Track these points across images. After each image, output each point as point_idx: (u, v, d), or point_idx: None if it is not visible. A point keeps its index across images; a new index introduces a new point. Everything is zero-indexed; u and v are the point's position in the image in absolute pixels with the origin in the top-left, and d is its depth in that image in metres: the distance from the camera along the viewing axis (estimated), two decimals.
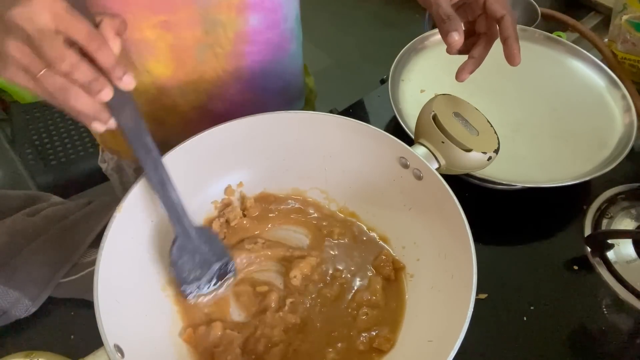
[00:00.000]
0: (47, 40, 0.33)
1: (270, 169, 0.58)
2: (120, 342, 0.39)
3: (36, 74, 0.34)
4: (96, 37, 0.35)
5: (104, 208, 0.59)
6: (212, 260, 0.50)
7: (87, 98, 0.36)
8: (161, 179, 0.45)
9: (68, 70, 0.34)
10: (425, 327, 0.46)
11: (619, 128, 0.68)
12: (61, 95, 0.35)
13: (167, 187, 0.45)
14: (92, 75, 0.35)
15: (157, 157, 0.44)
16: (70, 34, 0.34)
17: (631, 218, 0.63)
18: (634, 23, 0.73)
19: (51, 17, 0.33)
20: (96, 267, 0.41)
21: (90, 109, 0.36)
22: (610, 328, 0.54)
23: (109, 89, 0.36)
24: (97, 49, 0.35)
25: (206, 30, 0.57)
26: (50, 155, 1.26)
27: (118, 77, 0.36)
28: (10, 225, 0.56)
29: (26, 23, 0.33)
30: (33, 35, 0.33)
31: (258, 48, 0.62)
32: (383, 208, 0.56)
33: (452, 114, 0.52)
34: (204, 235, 0.49)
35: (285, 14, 0.63)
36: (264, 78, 0.66)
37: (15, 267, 0.53)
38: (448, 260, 0.47)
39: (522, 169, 0.63)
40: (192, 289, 0.49)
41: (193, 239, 0.48)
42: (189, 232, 0.48)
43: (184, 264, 0.48)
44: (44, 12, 0.33)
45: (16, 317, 0.52)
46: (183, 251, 0.48)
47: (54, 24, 0.33)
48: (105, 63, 0.35)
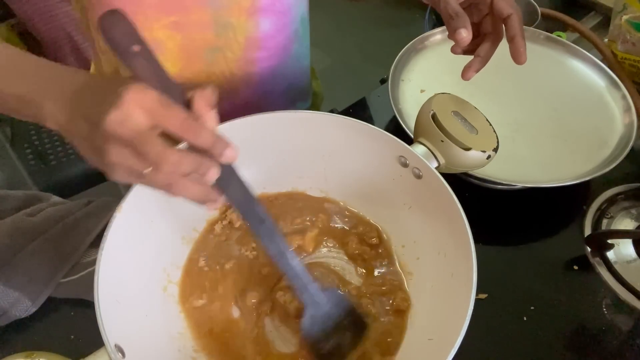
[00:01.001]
0: (145, 142, 0.32)
1: (270, 169, 0.58)
2: (121, 342, 0.39)
3: (142, 173, 0.33)
4: (191, 125, 0.33)
5: (104, 208, 0.59)
6: (345, 322, 0.47)
7: (194, 186, 0.35)
8: (279, 250, 0.43)
9: (172, 170, 0.33)
10: (426, 325, 0.47)
11: (619, 128, 0.68)
12: (169, 189, 0.34)
13: (286, 257, 0.43)
14: (196, 164, 0.34)
15: (271, 227, 0.42)
16: (165, 127, 0.33)
17: (631, 218, 0.63)
18: (634, 23, 0.73)
19: (143, 114, 0.32)
20: (96, 268, 0.41)
21: (199, 196, 0.36)
22: (610, 328, 0.54)
23: (214, 170, 0.35)
24: (195, 136, 0.33)
25: (217, 33, 0.57)
26: (50, 155, 1.26)
27: (219, 155, 0.35)
28: (10, 225, 0.56)
29: (120, 128, 0.31)
30: (130, 139, 0.32)
31: (268, 53, 0.63)
32: (383, 207, 0.56)
33: (452, 113, 0.52)
34: (333, 297, 0.47)
35: (294, 16, 0.63)
36: (271, 81, 0.67)
37: (15, 267, 0.53)
38: (448, 258, 0.47)
39: (522, 169, 0.63)
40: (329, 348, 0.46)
41: (322, 305, 0.46)
42: (316, 299, 0.45)
43: (318, 333, 0.46)
44: (137, 111, 0.31)
45: (16, 317, 0.52)
46: (313, 321, 0.46)
47: (147, 121, 0.32)
48: (206, 145, 0.34)
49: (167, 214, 0.51)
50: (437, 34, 0.79)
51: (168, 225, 0.52)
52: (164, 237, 0.51)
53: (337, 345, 0.46)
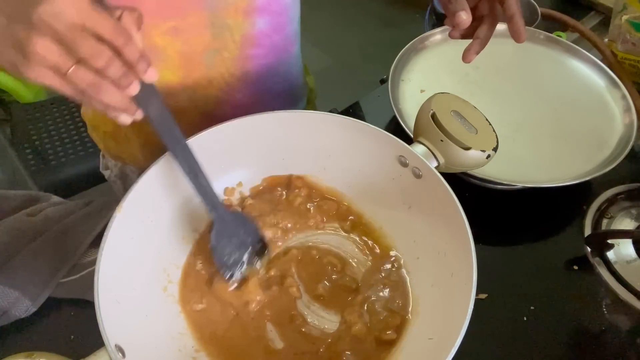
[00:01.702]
0: (79, 36, 0.33)
1: (269, 169, 0.58)
2: (122, 343, 0.39)
3: (65, 72, 0.34)
4: (122, 32, 0.35)
5: (104, 208, 0.59)
6: (248, 241, 0.52)
7: (117, 93, 0.36)
8: (192, 167, 0.46)
9: (103, 66, 0.34)
10: (426, 324, 0.47)
11: (619, 128, 0.68)
12: (92, 90, 0.35)
13: (198, 175, 0.47)
14: (122, 71, 0.35)
15: (185, 145, 0.45)
16: (97, 29, 0.33)
17: (631, 218, 0.63)
18: (634, 23, 0.73)
19: (77, 13, 0.33)
20: (96, 268, 0.41)
21: (119, 103, 0.37)
22: (610, 328, 0.54)
23: (136, 83, 0.37)
24: (123, 44, 0.35)
25: (214, 34, 0.57)
26: (50, 155, 1.26)
27: (143, 70, 0.37)
28: (10, 225, 0.56)
29: (54, 20, 0.32)
30: (63, 32, 0.32)
31: (264, 51, 0.63)
32: (383, 207, 0.56)
33: (451, 113, 0.52)
34: (238, 218, 0.52)
35: (290, 17, 0.63)
36: (270, 80, 0.67)
37: (15, 267, 0.53)
38: (448, 258, 0.48)
39: (522, 169, 0.63)
40: (233, 271, 0.51)
41: (228, 223, 0.50)
42: (224, 217, 0.50)
43: (222, 248, 0.50)
44: (70, 8, 0.32)
45: (16, 317, 0.52)
46: (220, 236, 0.50)
47: (80, 20, 0.33)
48: (132, 57, 0.35)
49: (167, 214, 0.51)
50: (437, 34, 0.79)
51: (168, 225, 0.52)
52: (164, 237, 0.51)
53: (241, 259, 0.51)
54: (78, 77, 0.34)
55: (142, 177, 0.47)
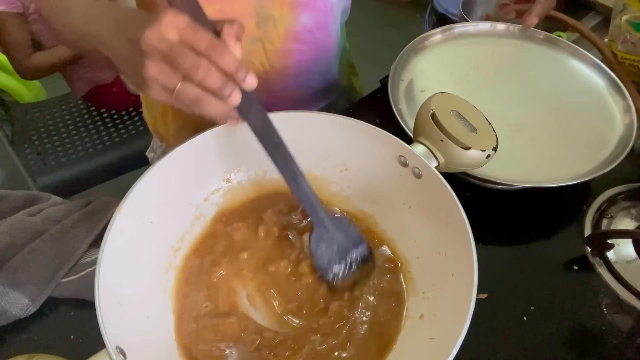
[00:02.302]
0: (179, 53, 0.36)
1: (269, 169, 0.58)
2: (122, 344, 0.39)
3: (174, 89, 0.37)
4: (217, 45, 0.37)
5: (104, 208, 0.59)
6: (349, 247, 0.51)
7: (218, 104, 0.39)
8: (293, 173, 0.46)
9: (203, 77, 0.37)
10: (427, 324, 0.47)
11: (619, 128, 0.68)
12: (196, 104, 0.38)
13: (299, 180, 0.47)
14: (222, 81, 0.37)
15: (286, 152, 0.46)
16: (194, 44, 0.36)
17: (631, 218, 0.63)
18: (634, 23, 0.73)
19: (176, 32, 0.36)
20: (97, 269, 0.41)
21: (222, 113, 0.40)
22: (610, 328, 0.54)
23: (237, 93, 0.39)
24: (220, 55, 0.37)
25: (258, 23, 0.59)
26: (50, 155, 1.26)
27: (242, 79, 0.39)
28: (10, 225, 0.56)
29: (158, 43, 0.36)
30: (167, 52, 0.36)
31: (306, 47, 0.65)
32: (383, 207, 0.56)
33: (451, 112, 0.52)
34: (340, 223, 0.51)
35: (335, 16, 0.65)
36: (308, 76, 0.69)
37: (15, 267, 0.53)
38: (448, 258, 0.48)
39: (522, 169, 0.63)
40: (332, 275, 0.50)
41: (329, 229, 0.50)
42: (324, 221, 0.49)
43: (322, 253, 0.50)
44: (170, 29, 0.36)
45: (16, 317, 0.52)
46: (320, 240, 0.50)
47: (180, 38, 0.36)
48: (229, 68, 0.37)
49: (167, 215, 0.51)
50: (437, 34, 0.79)
51: (168, 226, 0.52)
52: (164, 238, 0.51)
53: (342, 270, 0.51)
54: (184, 93, 0.38)
55: (142, 178, 0.47)
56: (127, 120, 1.37)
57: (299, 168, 0.46)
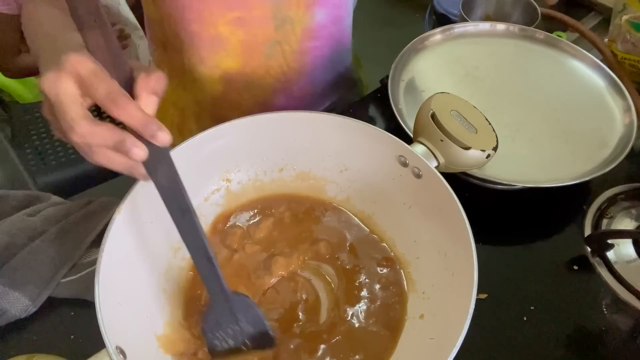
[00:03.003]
0: (64, 106, 0.33)
1: (269, 169, 0.58)
2: (122, 344, 0.39)
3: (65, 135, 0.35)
4: (116, 99, 0.34)
5: (104, 208, 0.59)
6: (249, 331, 0.45)
7: (117, 157, 0.35)
8: (197, 244, 0.41)
9: (81, 140, 0.34)
10: (427, 324, 0.47)
11: (619, 128, 0.68)
12: (90, 155, 0.35)
13: (205, 254, 0.41)
14: (114, 138, 0.34)
15: (193, 220, 0.40)
16: (92, 95, 0.34)
17: (631, 218, 0.63)
18: (634, 23, 0.73)
19: (73, 79, 0.33)
20: (97, 270, 0.41)
21: (122, 167, 0.36)
22: (610, 328, 0.54)
23: (138, 149, 0.35)
24: (118, 110, 0.34)
25: (276, 26, 0.60)
26: (50, 155, 1.26)
27: (150, 135, 0.35)
28: (10, 225, 0.56)
29: (49, 89, 0.33)
30: (53, 101, 0.33)
31: (321, 43, 0.65)
32: (383, 207, 0.56)
33: (451, 112, 0.52)
34: (242, 303, 0.44)
35: (347, 10, 0.66)
36: (324, 71, 0.70)
37: (15, 267, 0.53)
38: (448, 258, 0.48)
39: (522, 169, 0.63)
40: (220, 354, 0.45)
41: (229, 309, 0.44)
42: (224, 303, 0.43)
43: (215, 336, 0.44)
44: (66, 76, 0.33)
45: (16, 317, 0.52)
46: (216, 323, 0.44)
47: (76, 88, 0.33)
48: (130, 123, 0.34)
49: (167, 215, 0.51)
50: (437, 34, 0.79)
51: (168, 226, 0.51)
52: (164, 239, 0.51)
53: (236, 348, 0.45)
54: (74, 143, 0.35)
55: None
56: None
57: (206, 240, 0.41)
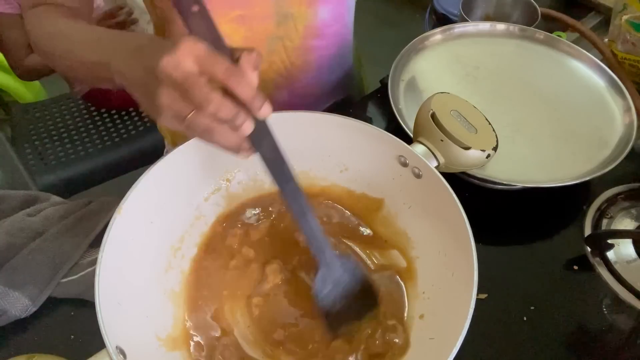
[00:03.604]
0: (193, 84, 0.35)
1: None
2: (122, 344, 0.39)
3: (185, 118, 0.37)
4: (234, 73, 0.36)
5: (104, 208, 0.59)
6: (355, 288, 0.48)
7: (229, 134, 0.38)
8: (301, 209, 0.44)
9: (213, 112, 0.36)
10: (427, 324, 0.47)
11: (619, 128, 0.68)
12: (207, 134, 0.38)
13: (307, 217, 0.44)
14: (234, 111, 0.37)
15: (296, 187, 0.43)
16: (211, 73, 0.36)
17: (631, 218, 0.63)
18: (634, 23, 0.73)
19: (193, 60, 0.35)
20: (96, 270, 0.41)
21: (233, 144, 0.39)
22: (610, 328, 0.54)
23: (249, 123, 0.38)
24: (236, 84, 0.36)
25: (278, 23, 0.60)
26: (50, 155, 1.26)
27: (257, 108, 0.38)
28: (10, 225, 0.56)
29: (173, 71, 0.35)
30: (181, 81, 0.35)
31: (326, 42, 0.66)
32: (383, 207, 0.56)
33: (451, 112, 0.52)
34: (347, 264, 0.48)
35: (349, 6, 0.66)
36: (328, 70, 0.70)
37: (15, 267, 0.53)
38: (448, 258, 0.48)
39: (522, 169, 0.63)
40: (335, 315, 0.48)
41: (335, 270, 0.47)
42: (330, 262, 0.47)
43: (327, 295, 0.47)
44: (187, 57, 0.35)
45: (16, 317, 0.52)
46: (326, 282, 0.47)
47: (196, 67, 0.35)
48: (245, 96, 0.37)
49: (167, 215, 0.51)
50: (437, 34, 0.79)
51: (168, 226, 0.52)
52: (164, 239, 0.51)
53: (346, 311, 0.48)
54: (195, 123, 0.37)
55: (142, 178, 0.47)
56: (127, 120, 1.37)
57: (308, 204, 0.44)
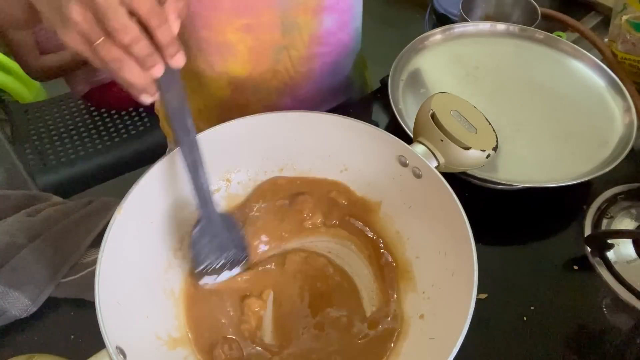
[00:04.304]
0: (111, 9, 0.33)
1: (268, 169, 0.58)
2: (122, 344, 0.39)
3: (94, 42, 0.34)
4: (159, 14, 0.35)
5: (104, 208, 0.59)
6: (230, 246, 0.51)
7: (139, 71, 0.36)
8: (194, 161, 0.46)
9: (128, 43, 0.34)
10: (427, 324, 0.47)
11: (619, 128, 0.68)
12: (115, 65, 0.35)
13: (198, 170, 0.46)
14: (148, 51, 0.35)
15: (194, 139, 0.45)
16: (134, 6, 0.34)
17: (631, 218, 0.63)
18: (634, 23, 0.73)
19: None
20: (97, 269, 0.41)
21: (140, 82, 0.37)
22: (610, 328, 0.54)
23: (160, 66, 0.37)
24: (157, 25, 0.35)
25: (283, 32, 0.60)
26: (50, 155, 1.26)
27: (171, 55, 0.37)
28: (10, 225, 0.56)
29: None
30: (99, 3, 0.33)
31: (329, 49, 0.66)
32: (382, 206, 0.56)
33: (451, 112, 0.52)
34: (226, 221, 0.51)
35: (354, 14, 0.66)
36: (331, 76, 0.70)
37: (15, 267, 0.53)
38: (448, 258, 0.48)
39: (522, 169, 0.63)
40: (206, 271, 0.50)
41: (215, 224, 0.50)
42: (212, 216, 0.49)
43: (203, 246, 0.50)
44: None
45: (16, 317, 0.52)
46: (204, 234, 0.49)
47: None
48: (162, 40, 0.36)
49: (167, 215, 0.51)
50: (437, 34, 0.79)
51: (168, 226, 0.52)
52: (164, 238, 0.51)
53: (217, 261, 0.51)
54: (104, 50, 0.34)
55: (142, 178, 0.47)
56: (127, 120, 1.37)
57: (202, 159, 0.46)
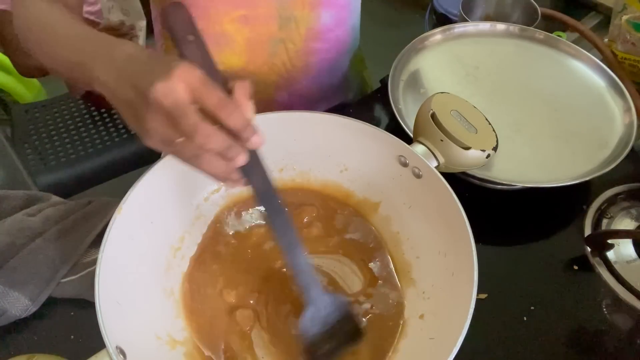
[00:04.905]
0: (183, 113, 0.34)
1: (269, 169, 0.58)
2: (122, 344, 0.39)
3: (174, 142, 0.36)
4: (227, 105, 0.36)
5: (104, 208, 0.59)
6: (343, 328, 0.46)
7: (219, 162, 0.37)
8: (290, 243, 0.43)
9: (202, 143, 0.35)
10: (427, 324, 0.47)
11: (619, 128, 0.68)
12: (195, 162, 0.37)
13: (296, 251, 0.43)
14: (226, 144, 0.36)
15: (286, 219, 0.42)
16: (203, 103, 0.35)
17: (631, 218, 0.63)
18: (634, 23, 0.73)
19: (187, 89, 0.34)
20: (97, 269, 0.41)
21: (221, 173, 0.38)
22: (610, 328, 0.54)
23: (243, 155, 0.37)
24: (227, 115, 0.35)
25: (280, 25, 0.61)
26: (50, 155, 1.26)
27: (247, 139, 0.37)
28: (10, 225, 0.56)
29: (164, 98, 0.34)
30: (170, 109, 0.34)
31: (327, 45, 0.66)
32: (382, 206, 0.56)
33: (451, 112, 0.52)
34: (335, 302, 0.46)
35: (352, 11, 0.66)
36: (330, 74, 0.70)
37: (15, 267, 0.53)
38: (448, 258, 0.48)
39: (522, 169, 0.63)
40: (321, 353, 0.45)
41: (322, 308, 0.45)
42: (318, 300, 0.45)
43: (315, 336, 0.45)
44: (181, 84, 0.34)
45: (16, 317, 0.52)
46: (313, 323, 0.45)
47: (189, 96, 0.34)
48: (235, 127, 0.36)
49: (167, 215, 0.51)
50: (437, 34, 0.79)
51: (168, 226, 0.52)
52: (164, 238, 0.51)
53: (331, 350, 0.45)
54: (182, 149, 0.36)
55: (142, 178, 0.47)
56: None
57: (298, 238, 0.43)
